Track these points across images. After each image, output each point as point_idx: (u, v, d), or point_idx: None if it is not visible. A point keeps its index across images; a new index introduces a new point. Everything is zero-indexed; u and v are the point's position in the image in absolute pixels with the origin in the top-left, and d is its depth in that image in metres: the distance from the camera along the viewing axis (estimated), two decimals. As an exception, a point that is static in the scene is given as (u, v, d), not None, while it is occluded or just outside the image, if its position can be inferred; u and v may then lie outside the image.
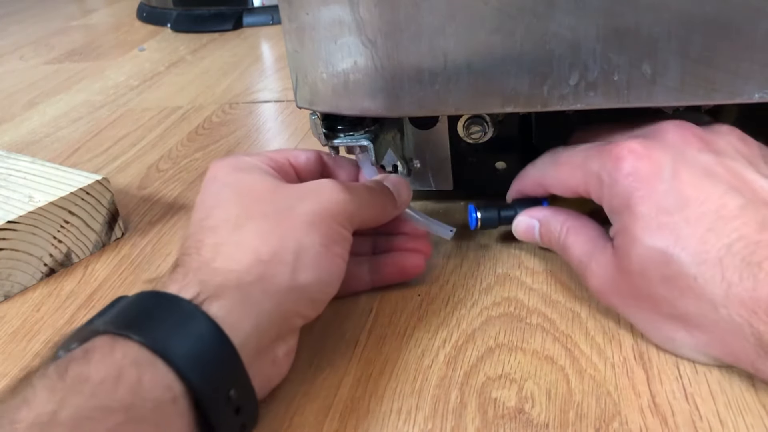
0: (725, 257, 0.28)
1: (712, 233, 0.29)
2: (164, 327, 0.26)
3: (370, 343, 0.36)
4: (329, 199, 0.32)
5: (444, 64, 0.34)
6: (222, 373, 0.26)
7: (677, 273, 0.29)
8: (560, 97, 0.34)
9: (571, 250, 0.36)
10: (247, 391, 0.27)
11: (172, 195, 0.55)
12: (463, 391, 0.32)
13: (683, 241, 0.29)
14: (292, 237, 0.30)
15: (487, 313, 0.37)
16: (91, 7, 1.45)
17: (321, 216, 0.31)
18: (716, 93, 0.32)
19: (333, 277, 0.32)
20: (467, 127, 0.42)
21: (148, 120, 0.74)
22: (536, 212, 0.39)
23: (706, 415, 0.29)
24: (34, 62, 1.04)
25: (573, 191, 0.35)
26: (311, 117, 0.38)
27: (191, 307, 0.26)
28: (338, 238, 0.32)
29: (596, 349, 0.33)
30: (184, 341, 0.25)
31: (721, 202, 0.29)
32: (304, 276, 0.30)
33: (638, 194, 0.31)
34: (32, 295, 0.44)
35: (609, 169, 0.32)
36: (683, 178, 0.30)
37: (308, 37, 0.35)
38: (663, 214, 0.30)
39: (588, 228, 0.36)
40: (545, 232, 0.38)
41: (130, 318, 0.26)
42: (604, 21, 0.31)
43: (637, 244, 0.30)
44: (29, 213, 0.43)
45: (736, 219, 0.29)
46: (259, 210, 0.31)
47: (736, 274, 0.28)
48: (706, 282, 0.28)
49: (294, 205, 0.31)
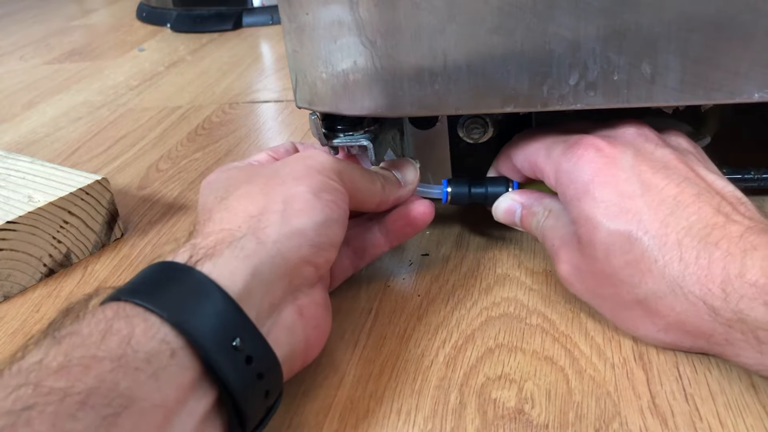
0: (684, 239, 0.30)
1: (672, 217, 0.30)
2: (155, 286, 0.26)
3: (370, 343, 0.36)
4: (314, 160, 0.33)
5: (444, 64, 0.34)
6: (220, 321, 0.25)
7: (640, 256, 0.30)
8: (560, 96, 0.34)
9: (549, 233, 0.36)
10: (256, 340, 0.26)
11: (171, 195, 0.55)
12: (463, 391, 0.32)
13: (645, 224, 0.30)
14: (279, 191, 0.31)
15: (487, 314, 0.37)
16: (91, 7, 1.45)
17: (306, 171, 0.32)
18: (716, 93, 0.32)
19: (330, 219, 0.31)
20: (467, 127, 0.42)
21: (147, 120, 0.74)
22: (519, 195, 0.39)
23: (705, 415, 0.29)
24: (34, 62, 1.04)
25: (531, 168, 0.37)
26: (311, 117, 0.38)
27: (181, 266, 0.27)
28: (327, 187, 0.32)
29: (596, 350, 0.33)
30: (177, 296, 0.25)
31: (679, 189, 0.31)
32: (297, 220, 0.30)
33: (599, 180, 0.32)
34: (32, 295, 0.44)
35: (569, 155, 0.33)
36: (642, 167, 0.32)
37: (308, 37, 0.35)
38: (625, 198, 0.31)
39: (564, 212, 0.36)
40: (527, 215, 0.38)
41: (122, 289, 0.26)
42: (604, 21, 0.31)
43: (600, 229, 0.31)
44: (29, 213, 0.43)
45: (694, 204, 0.30)
46: (245, 181, 0.33)
47: (693, 254, 0.29)
48: (666, 264, 0.30)
49: (279, 170, 0.33)
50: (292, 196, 0.31)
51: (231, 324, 0.26)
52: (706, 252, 0.29)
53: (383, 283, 0.40)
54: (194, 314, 0.25)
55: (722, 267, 0.28)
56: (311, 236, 0.30)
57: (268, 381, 0.27)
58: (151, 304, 0.25)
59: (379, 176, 0.37)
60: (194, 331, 0.24)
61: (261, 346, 0.27)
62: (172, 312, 0.24)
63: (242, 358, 0.26)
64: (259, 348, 0.26)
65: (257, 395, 0.26)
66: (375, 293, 0.39)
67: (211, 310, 0.25)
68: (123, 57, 1.02)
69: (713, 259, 0.29)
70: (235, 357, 0.25)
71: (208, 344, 0.25)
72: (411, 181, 0.39)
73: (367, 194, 0.36)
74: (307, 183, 0.31)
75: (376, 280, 0.41)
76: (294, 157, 0.34)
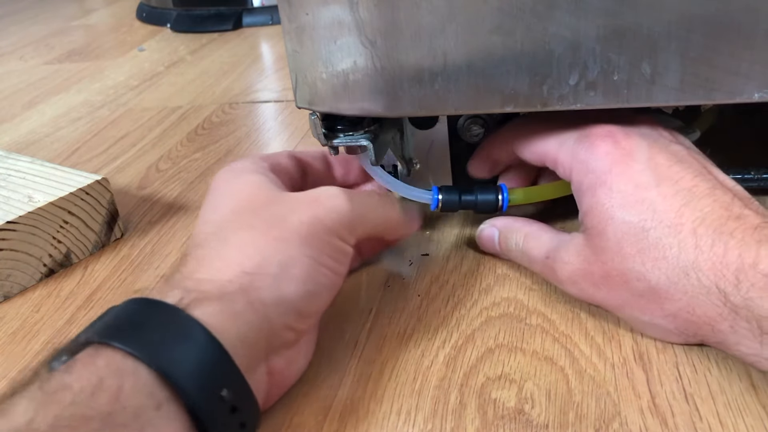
0: (699, 227, 0.30)
1: (687, 207, 0.31)
2: (147, 332, 0.25)
3: (370, 343, 0.36)
4: (327, 210, 0.31)
5: (444, 64, 0.34)
6: (211, 372, 0.25)
7: (653, 244, 0.31)
8: (560, 96, 0.34)
9: (533, 253, 0.37)
10: (242, 390, 0.26)
11: (171, 195, 0.55)
12: (463, 391, 0.32)
13: (660, 214, 0.31)
14: (279, 248, 0.30)
15: (487, 314, 0.37)
16: (91, 7, 1.45)
17: (314, 228, 0.31)
18: (716, 93, 0.32)
19: (322, 290, 0.31)
20: (467, 127, 0.42)
21: (147, 120, 0.74)
22: (496, 221, 0.40)
23: (705, 415, 0.29)
24: (34, 62, 1.04)
25: (540, 157, 0.37)
26: (311, 117, 0.38)
27: (174, 310, 0.26)
28: (331, 251, 0.31)
29: (596, 350, 0.33)
30: (169, 345, 0.25)
31: (694, 182, 0.31)
32: (290, 288, 0.29)
33: (615, 170, 0.32)
34: (32, 295, 0.44)
35: (586, 145, 0.34)
36: (658, 160, 0.32)
37: (308, 37, 0.35)
38: (640, 189, 0.31)
39: (545, 230, 0.37)
40: (503, 241, 0.39)
41: (113, 326, 0.26)
42: (604, 21, 0.31)
43: (614, 219, 0.32)
44: (29, 213, 0.43)
45: (708, 197, 0.31)
46: (248, 222, 0.31)
47: (708, 241, 0.30)
48: (680, 250, 0.30)
49: (286, 216, 0.31)
50: (291, 259, 0.29)
51: (221, 374, 0.26)
52: (721, 240, 0.29)
53: (383, 283, 0.40)
54: (185, 364, 0.25)
55: (737, 255, 0.29)
56: (299, 305, 0.30)
57: (249, 429, 0.27)
58: (143, 355, 0.24)
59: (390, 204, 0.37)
60: (184, 384, 0.24)
61: (247, 397, 0.27)
62: (164, 363, 0.24)
63: (227, 408, 0.26)
64: (244, 398, 0.26)
65: None
66: (375, 293, 0.39)
67: (201, 359, 0.25)
68: (123, 57, 1.02)
69: (729, 247, 0.29)
70: (221, 408, 0.25)
71: (196, 397, 0.24)
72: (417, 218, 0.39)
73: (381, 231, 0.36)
74: (310, 245, 0.30)
75: (376, 280, 0.41)
76: (306, 201, 0.32)
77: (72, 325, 0.40)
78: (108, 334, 0.25)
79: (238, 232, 0.30)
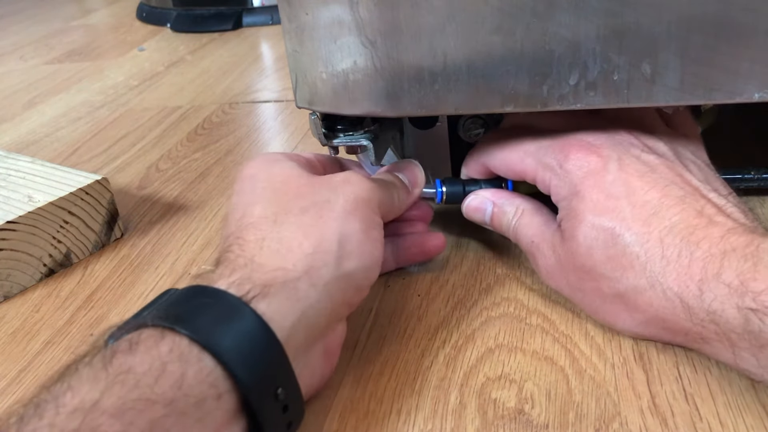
0: (666, 237, 0.30)
1: (656, 217, 0.31)
2: (212, 322, 0.26)
3: (370, 343, 0.36)
4: (360, 187, 0.33)
5: (444, 64, 0.34)
6: (270, 371, 0.26)
7: (621, 252, 0.31)
8: (560, 96, 0.34)
9: (525, 231, 0.37)
10: (294, 389, 0.27)
11: (171, 195, 0.55)
12: (463, 391, 0.32)
13: (628, 222, 0.31)
14: (334, 227, 0.31)
15: (487, 314, 0.37)
16: (91, 7, 1.45)
17: (356, 204, 0.32)
18: (716, 93, 0.32)
19: (375, 261, 0.32)
20: (467, 127, 0.42)
21: (147, 120, 0.74)
22: (491, 193, 0.39)
23: (705, 415, 0.29)
24: (34, 62, 1.04)
25: (519, 176, 0.37)
26: (311, 117, 0.38)
27: (240, 303, 0.27)
28: (374, 223, 0.33)
29: (596, 350, 0.33)
30: (232, 338, 0.25)
31: (663, 192, 0.32)
32: (349, 263, 0.30)
33: (587, 182, 0.33)
34: (32, 295, 0.44)
35: (560, 160, 0.34)
36: (629, 170, 0.33)
37: (308, 37, 0.35)
38: (610, 198, 0.32)
39: (542, 211, 0.37)
40: (498, 213, 0.38)
41: (178, 312, 0.26)
42: (604, 21, 0.31)
43: (584, 223, 0.32)
44: (29, 213, 0.43)
45: (677, 206, 0.31)
46: (297, 205, 0.32)
47: (675, 251, 0.30)
48: (648, 260, 0.30)
49: (329, 197, 0.32)
50: (346, 235, 0.31)
51: (279, 374, 0.26)
52: (687, 250, 0.30)
53: (383, 283, 0.40)
54: (248, 359, 0.25)
55: (702, 266, 0.29)
56: (358, 279, 0.31)
57: (293, 429, 0.28)
58: (208, 344, 0.25)
59: (395, 189, 0.37)
60: (245, 379, 0.25)
61: (297, 397, 0.27)
62: (227, 355, 0.25)
63: (280, 407, 0.26)
64: (295, 398, 0.27)
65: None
66: (375, 293, 0.39)
67: (264, 356, 0.26)
68: (123, 57, 1.02)
69: (694, 258, 0.29)
70: (275, 406, 0.26)
71: (256, 392, 0.25)
72: (419, 184, 0.39)
73: (389, 213, 0.36)
74: (359, 219, 0.32)
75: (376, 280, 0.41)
76: (341, 182, 0.33)
77: (72, 325, 0.40)
78: (172, 319, 0.25)
79: (292, 215, 0.31)
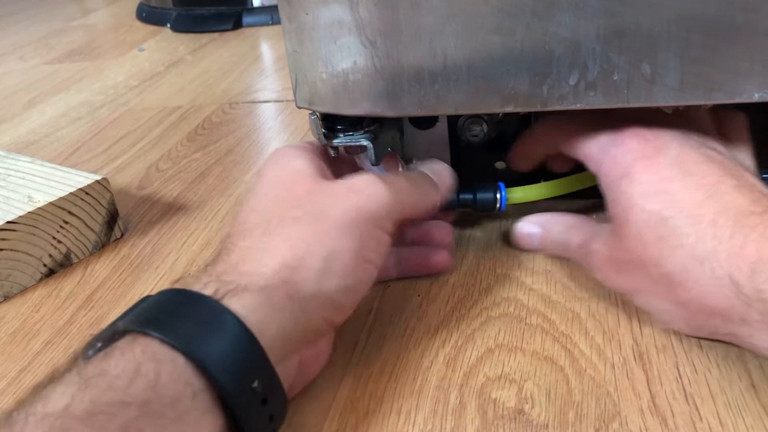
0: (719, 219, 0.30)
1: (710, 200, 0.31)
2: (184, 322, 0.26)
3: (370, 343, 0.36)
4: (367, 198, 0.32)
5: (444, 64, 0.34)
6: (244, 364, 0.26)
7: (671, 232, 0.31)
8: (560, 96, 0.34)
9: (572, 242, 0.37)
10: (271, 380, 0.27)
11: (171, 195, 0.55)
12: (463, 391, 0.32)
13: (680, 204, 0.31)
14: (322, 242, 0.30)
15: (487, 314, 0.37)
16: (91, 7, 1.45)
17: (356, 219, 0.31)
18: (716, 93, 0.32)
19: (361, 283, 0.31)
20: (467, 127, 0.42)
21: (147, 120, 0.74)
22: (535, 218, 0.40)
23: (705, 415, 0.29)
24: (34, 62, 1.04)
25: (577, 153, 0.37)
26: (311, 117, 0.38)
27: (212, 302, 0.27)
28: (372, 242, 0.31)
29: (596, 350, 0.33)
30: (204, 335, 0.25)
31: (720, 179, 0.31)
32: (331, 283, 0.30)
33: (640, 164, 0.33)
34: (32, 295, 0.44)
35: (617, 142, 0.34)
36: (686, 158, 0.32)
37: (308, 37, 0.35)
38: (663, 181, 0.32)
39: (585, 221, 0.38)
40: (546, 236, 0.39)
41: (150, 315, 0.26)
42: (604, 21, 0.31)
43: (635, 207, 0.32)
44: (29, 213, 0.43)
45: (732, 193, 0.31)
46: (291, 214, 0.31)
47: (727, 232, 0.30)
48: (698, 240, 0.30)
49: (327, 208, 0.31)
50: (333, 253, 0.30)
51: (252, 366, 0.26)
52: (741, 233, 0.29)
53: (383, 283, 0.40)
54: (220, 355, 0.25)
55: (756, 248, 0.29)
56: (338, 299, 0.30)
57: (277, 422, 0.28)
58: (179, 344, 0.24)
59: (424, 188, 0.36)
60: (218, 374, 0.25)
61: (277, 390, 0.27)
62: (199, 353, 0.25)
63: (258, 400, 0.26)
64: (274, 391, 0.27)
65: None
66: (375, 293, 0.39)
67: (236, 350, 0.26)
68: (123, 57, 1.02)
69: (748, 240, 0.29)
70: (252, 399, 0.26)
71: (231, 387, 0.25)
72: (447, 188, 0.38)
73: (413, 214, 0.35)
74: (351, 238, 0.30)
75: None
76: (347, 191, 0.32)
77: (72, 325, 0.40)
78: (145, 323, 0.25)
79: (283, 225, 0.31)
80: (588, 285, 0.38)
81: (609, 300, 0.37)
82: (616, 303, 0.37)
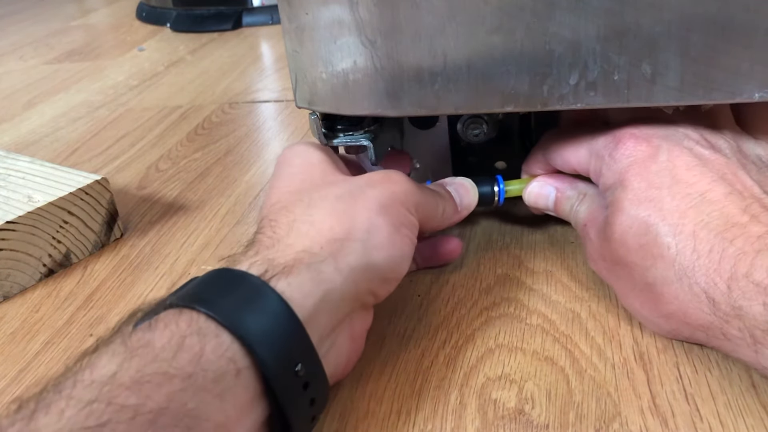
0: (701, 231, 0.30)
1: (694, 210, 0.31)
2: (231, 300, 0.26)
3: (369, 343, 0.35)
4: (399, 186, 0.33)
5: (444, 64, 0.34)
6: (288, 346, 0.26)
7: (653, 241, 0.31)
8: (560, 96, 0.34)
9: (581, 216, 0.37)
10: (315, 367, 0.27)
11: (171, 195, 0.55)
12: (463, 392, 0.32)
13: (664, 212, 0.31)
14: (365, 216, 0.31)
15: (487, 314, 0.37)
16: (91, 7, 1.45)
17: (391, 200, 0.32)
18: (716, 92, 0.32)
19: (403, 256, 0.32)
20: (467, 127, 0.42)
21: (147, 120, 0.74)
22: (553, 179, 0.40)
23: (706, 416, 0.29)
24: (34, 62, 1.04)
25: (573, 167, 0.37)
26: (311, 117, 0.38)
27: (259, 282, 0.27)
28: (406, 221, 0.33)
29: (596, 350, 0.33)
30: (250, 314, 0.25)
31: (709, 187, 0.31)
32: (376, 254, 0.31)
33: (633, 170, 0.33)
34: (31, 295, 0.43)
35: (611, 149, 0.34)
36: (677, 162, 0.32)
37: (308, 37, 0.35)
38: (652, 188, 0.32)
39: (599, 197, 0.37)
40: (561, 198, 0.39)
41: (197, 292, 0.26)
42: (604, 21, 0.31)
43: (622, 213, 0.32)
44: (28, 213, 0.43)
45: (720, 202, 0.31)
46: (332, 192, 0.32)
47: (707, 246, 0.30)
48: (678, 252, 0.30)
49: (365, 189, 0.32)
50: (376, 227, 0.31)
51: (297, 350, 0.26)
52: (720, 246, 0.29)
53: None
54: (265, 335, 0.25)
55: (732, 264, 0.28)
56: (384, 271, 0.31)
57: (318, 406, 0.28)
58: (226, 320, 0.25)
59: (442, 200, 0.37)
60: (263, 354, 0.25)
61: (319, 374, 0.27)
62: (245, 331, 0.25)
63: (301, 384, 0.26)
64: (317, 375, 0.27)
65: (306, 418, 0.27)
66: (375, 293, 0.39)
67: (281, 332, 0.26)
68: (123, 57, 1.02)
69: (725, 255, 0.29)
70: (294, 383, 0.26)
71: (273, 368, 0.25)
72: (467, 206, 0.39)
73: (429, 221, 0.36)
74: (391, 214, 0.32)
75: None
76: (380, 179, 0.34)
77: (71, 325, 0.40)
78: (191, 299, 0.26)
79: (325, 200, 0.32)
80: (588, 285, 0.38)
81: (609, 300, 0.37)
82: (616, 303, 0.36)
